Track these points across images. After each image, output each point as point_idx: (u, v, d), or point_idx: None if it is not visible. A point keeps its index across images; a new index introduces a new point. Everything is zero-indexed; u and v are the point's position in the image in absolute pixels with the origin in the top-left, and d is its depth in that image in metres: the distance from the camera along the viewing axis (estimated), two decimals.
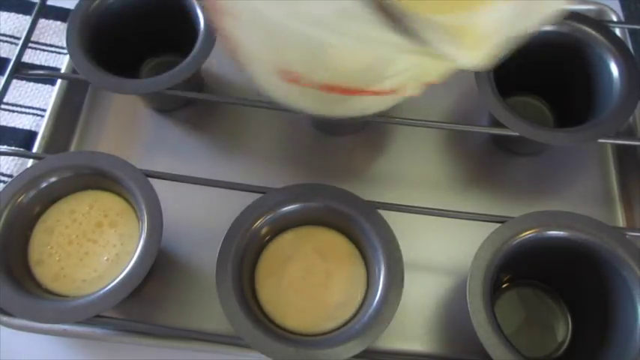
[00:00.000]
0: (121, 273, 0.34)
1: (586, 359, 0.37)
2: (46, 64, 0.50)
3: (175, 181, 0.39)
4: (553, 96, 0.47)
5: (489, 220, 0.37)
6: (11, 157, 0.45)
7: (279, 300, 0.36)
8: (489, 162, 0.46)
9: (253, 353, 0.34)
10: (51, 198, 0.38)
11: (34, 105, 0.48)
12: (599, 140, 0.39)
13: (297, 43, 0.22)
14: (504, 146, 0.46)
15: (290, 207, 0.37)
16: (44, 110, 0.47)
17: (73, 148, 0.47)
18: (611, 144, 0.45)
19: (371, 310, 0.34)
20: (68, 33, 0.41)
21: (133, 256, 0.35)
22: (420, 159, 0.46)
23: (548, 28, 0.42)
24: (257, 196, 0.37)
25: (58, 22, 0.52)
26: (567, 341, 0.39)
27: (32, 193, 0.37)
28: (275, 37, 0.23)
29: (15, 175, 0.40)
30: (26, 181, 0.37)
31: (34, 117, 0.48)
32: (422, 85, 0.26)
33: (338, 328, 0.35)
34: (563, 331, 0.39)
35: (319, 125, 0.47)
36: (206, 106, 0.48)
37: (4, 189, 0.37)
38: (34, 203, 0.38)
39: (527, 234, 0.36)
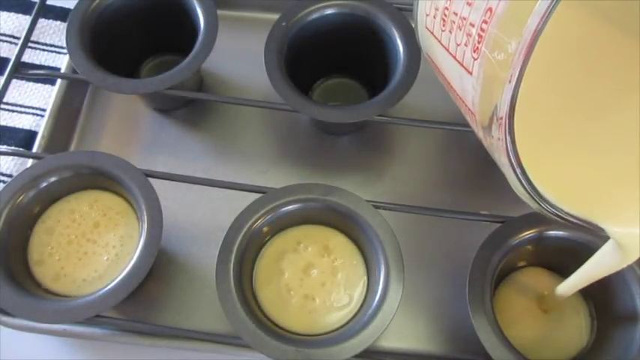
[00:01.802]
0: (121, 273, 0.34)
1: (587, 358, 0.37)
2: (45, 64, 0.50)
3: (175, 181, 0.39)
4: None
5: (489, 220, 0.37)
6: (11, 157, 0.45)
7: (279, 300, 0.36)
8: (489, 162, 0.46)
9: (253, 353, 0.34)
10: (51, 198, 0.38)
11: (34, 105, 0.48)
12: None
13: None
14: None
15: (290, 207, 0.37)
16: (44, 110, 0.47)
17: (72, 148, 0.47)
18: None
19: (371, 310, 0.34)
20: (68, 33, 0.41)
21: (133, 256, 0.35)
22: (420, 159, 0.46)
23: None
24: (257, 196, 0.37)
25: (58, 22, 0.52)
26: None
27: (32, 193, 0.37)
28: None
29: (15, 175, 0.40)
30: (26, 180, 0.37)
31: (34, 117, 0.48)
32: None
33: (338, 328, 0.35)
34: None
35: (319, 125, 0.47)
36: (206, 105, 0.48)
37: (4, 189, 0.37)
38: (34, 203, 0.38)
39: (527, 234, 0.36)
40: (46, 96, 0.49)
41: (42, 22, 0.51)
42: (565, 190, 0.25)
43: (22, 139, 0.47)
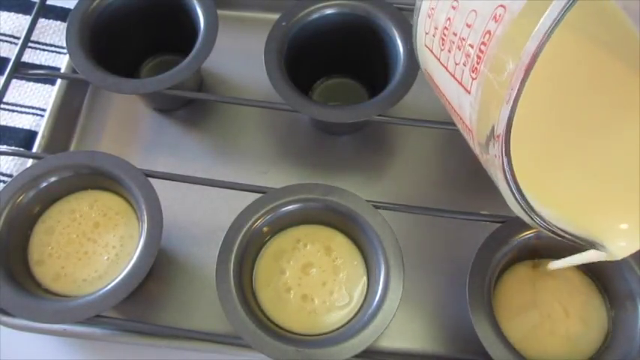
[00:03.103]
0: (121, 273, 0.34)
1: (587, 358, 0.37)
2: (46, 64, 0.50)
3: (175, 181, 0.39)
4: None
5: (489, 220, 0.37)
6: (11, 157, 0.45)
7: (279, 300, 0.36)
8: None
9: (253, 353, 0.34)
10: (51, 198, 0.38)
11: (34, 105, 0.48)
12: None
13: None
14: None
15: (290, 207, 0.37)
16: (44, 110, 0.47)
17: (72, 148, 0.47)
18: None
19: (371, 310, 0.34)
20: (68, 33, 0.41)
21: (133, 256, 0.35)
22: (420, 159, 0.46)
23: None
24: (257, 196, 0.37)
25: (58, 22, 0.52)
26: None
27: (32, 193, 0.37)
28: None
29: (15, 175, 0.40)
30: (26, 180, 0.37)
31: (34, 117, 0.48)
32: None
33: (338, 328, 0.35)
34: None
35: (319, 125, 0.47)
36: (206, 105, 0.48)
37: (4, 189, 0.37)
38: (34, 203, 0.38)
39: (527, 234, 0.36)
40: (46, 96, 0.49)
41: (42, 22, 0.51)
42: (560, 208, 0.26)
43: (22, 139, 0.47)
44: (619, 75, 0.28)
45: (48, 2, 0.46)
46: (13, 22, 0.52)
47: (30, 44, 0.47)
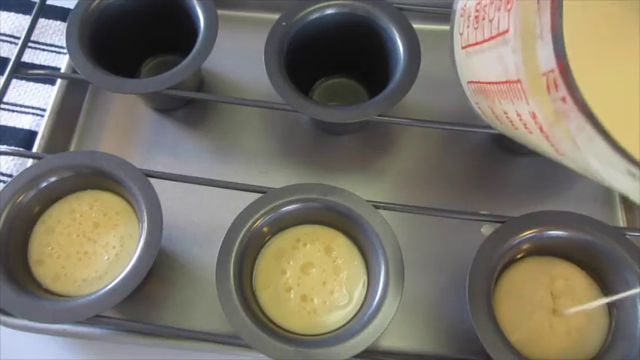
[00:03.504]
0: (121, 273, 0.34)
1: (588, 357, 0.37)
2: (46, 64, 0.50)
3: (175, 181, 0.39)
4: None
5: (489, 220, 0.37)
6: (11, 157, 0.45)
7: (279, 300, 0.36)
8: (489, 162, 0.46)
9: (253, 353, 0.34)
10: (51, 198, 0.38)
11: (34, 105, 0.48)
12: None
13: None
14: (504, 146, 0.46)
15: (290, 207, 0.37)
16: (44, 110, 0.47)
17: (73, 148, 0.47)
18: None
19: (371, 310, 0.34)
20: (68, 32, 0.41)
21: (133, 256, 0.35)
22: (420, 159, 0.46)
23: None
24: (257, 196, 0.37)
25: (58, 22, 0.52)
26: None
27: (32, 193, 0.37)
28: None
29: (15, 175, 0.40)
30: (26, 180, 0.37)
31: (34, 117, 0.48)
32: None
33: (338, 328, 0.35)
34: None
35: (319, 125, 0.47)
36: (206, 105, 0.48)
37: (4, 189, 0.37)
38: (34, 203, 0.38)
39: (527, 234, 0.36)
40: (46, 96, 0.49)
41: (42, 22, 0.51)
42: None
43: (22, 139, 0.47)
44: None
45: (48, 2, 0.46)
46: (13, 22, 0.52)
47: (30, 44, 0.47)
